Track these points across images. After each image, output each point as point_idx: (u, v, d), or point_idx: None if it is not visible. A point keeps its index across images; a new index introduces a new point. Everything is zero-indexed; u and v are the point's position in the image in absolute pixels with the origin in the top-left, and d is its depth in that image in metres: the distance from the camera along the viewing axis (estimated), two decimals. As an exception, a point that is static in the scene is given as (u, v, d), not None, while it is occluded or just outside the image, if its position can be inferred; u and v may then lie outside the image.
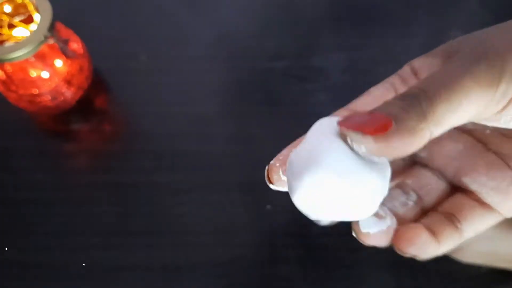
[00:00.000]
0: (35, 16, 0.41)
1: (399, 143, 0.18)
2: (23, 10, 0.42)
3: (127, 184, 0.44)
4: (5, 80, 0.42)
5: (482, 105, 0.19)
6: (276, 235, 0.42)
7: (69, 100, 0.44)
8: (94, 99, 0.48)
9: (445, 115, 0.18)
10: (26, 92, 0.42)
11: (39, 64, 0.41)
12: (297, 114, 0.47)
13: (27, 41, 0.38)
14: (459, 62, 0.19)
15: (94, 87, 0.47)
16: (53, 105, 0.44)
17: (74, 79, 0.43)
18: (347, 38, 0.50)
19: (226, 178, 0.44)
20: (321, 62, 0.49)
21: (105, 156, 0.46)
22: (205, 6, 0.52)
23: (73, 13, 0.50)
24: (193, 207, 0.43)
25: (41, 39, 0.38)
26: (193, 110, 0.47)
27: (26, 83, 0.42)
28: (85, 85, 0.45)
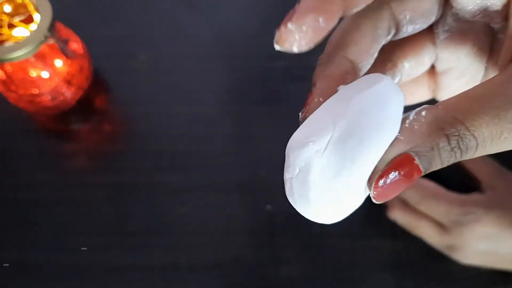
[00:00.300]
0: (35, 16, 0.41)
1: None
2: (23, 10, 0.42)
3: (127, 184, 0.44)
4: (5, 80, 0.42)
5: None
6: (276, 235, 0.42)
7: (69, 100, 0.44)
8: (94, 99, 0.48)
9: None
10: (26, 92, 0.42)
11: (39, 64, 0.41)
12: (297, 113, 0.47)
13: (27, 41, 0.38)
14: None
15: (94, 87, 0.47)
16: (53, 105, 0.44)
17: (74, 79, 0.43)
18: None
19: (226, 178, 0.44)
20: (321, 62, 0.49)
21: (105, 156, 0.46)
22: (205, 6, 0.52)
23: (73, 13, 0.50)
24: (193, 207, 0.43)
25: (41, 39, 0.38)
26: (193, 110, 0.47)
27: (26, 83, 0.42)
28: (85, 85, 0.45)
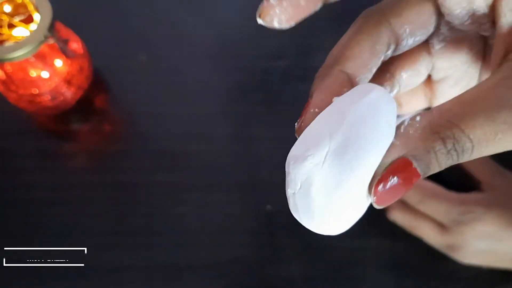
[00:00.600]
0: (35, 16, 0.41)
1: None
2: (23, 10, 0.42)
3: (127, 184, 0.44)
4: (5, 80, 0.42)
5: None
6: (276, 235, 0.42)
7: (69, 100, 0.44)
8: (94, 99, 0.48)
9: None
10: (26, 92, 0.42)
11: (39, 64, 0.41)
12: (297, 114, 0.47)
13: (27, 41, 0.38)
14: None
15: (94, 87, 0.47)
16: (53, 105, 0.44)
17: (74, 79, 0.43)
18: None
19: (226, 178, 0.44)
20: (321, 62, 0.49)
21: (105, 156, 0.46)
22: (205, 6, 0.52)
23: (73, 13, 0.50)
24: (193, 207, 0.43)
25: (41, 39, 0.38)
26: (193, 110, 0.47)
27: (26, 83, 0.42)
28: (85, 85, 0.45)
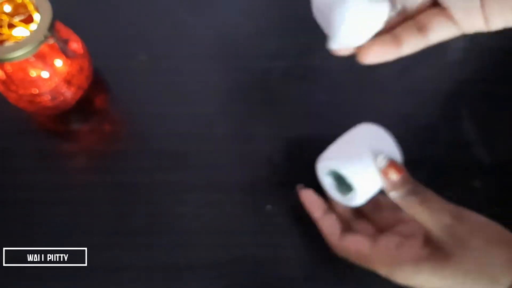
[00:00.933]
0: (35, 16, 0.41)
1: None
2: (23, 10, 0.42)
3: (127, 184, 0.44)
4: (5, 80, 0.42)
5: None
6: (276, 235, 0.42)
7: (69, 100, 0.44)
8: (94, 99, 0.48)
9: None
10: (26, 92, 0.42)
11: (39, 64, 0.41)
12: (297, 114, 0.47)
13: (27, 41, 0.38)
14: None
15: (94, 87, 0.47)
16: (53, 105, 0.44)
17: (74, 79, 0.43)
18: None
19: (226, 178, 0.44)
20: (321, 62, 0.49)
21: (105, 156, 0.46)
22: (205, 6, 0.53)
23: (73, 13, 0.50)
24: (193, 207, 0.43)
25: (41, 39, 0.38)
26: (193, 110, 0.47)
27: (26, 83, 0.42)
28: (85, 85, 0.45)
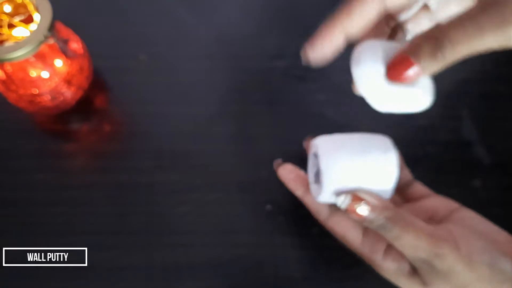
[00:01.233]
0: (35, 16, 0.41)
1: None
2: (23, 10, 0.42)
3: (127, 183, 0.44)
4: (5, 80, 0.42)
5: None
6: (276, 234, 0.42)
7: (69, 100, 0.44)
8: (94, 99, 0.48)
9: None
10: (26, 92, 0.42)
11: (39, 64, 0.41)
12: (297, 113, 0.47)
13: (27, 41, 0.38)
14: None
15: (94, 87, 0.47)
16: (53, 105, 0.44)
17: (74, 79, 0.43)
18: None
19: (226, 177, 0.44)
20: (320, 62, 0.49)
21: (105, 155, 0.46)
22: (205, 6, 0.53)
23: (73, 13, 0.50)
24: (193, 206, 0.43)
25: (41, 39, 0.38)
26: (193, 110, 0.47)
27: (26, 83, 0.42)
28: (85, 85, 0.45)
